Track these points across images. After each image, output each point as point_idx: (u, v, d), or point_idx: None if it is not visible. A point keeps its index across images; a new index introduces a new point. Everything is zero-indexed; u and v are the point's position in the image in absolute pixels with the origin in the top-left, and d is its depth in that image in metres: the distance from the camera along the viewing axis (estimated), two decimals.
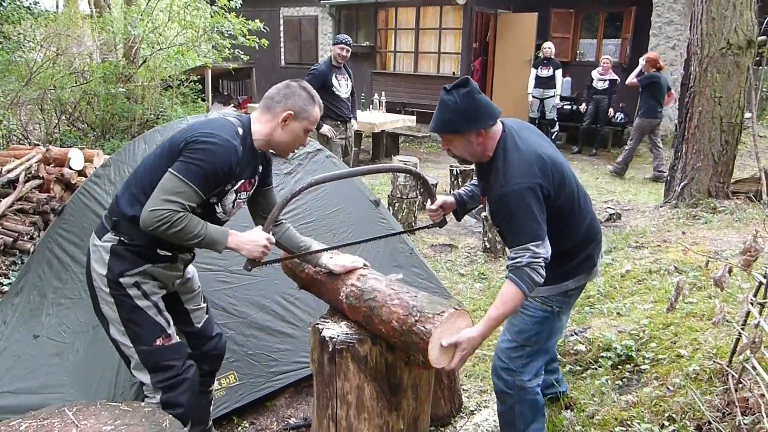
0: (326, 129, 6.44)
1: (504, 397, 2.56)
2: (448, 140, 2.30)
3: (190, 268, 2.54)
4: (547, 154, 2.24)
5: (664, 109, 9.12)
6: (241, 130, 2.23)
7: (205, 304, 2.63)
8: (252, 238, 2.23)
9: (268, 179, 2.49)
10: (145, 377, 2.30)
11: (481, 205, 2.61)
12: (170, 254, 2.31)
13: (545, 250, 2.15)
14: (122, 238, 2.22)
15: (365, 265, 2.49)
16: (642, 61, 9.13)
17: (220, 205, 2.29)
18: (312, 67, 6.65)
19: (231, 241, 2.20)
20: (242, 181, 2.29)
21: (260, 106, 2.32)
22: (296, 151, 2.46)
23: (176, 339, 2.37)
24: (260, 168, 2.39)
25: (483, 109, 2.20)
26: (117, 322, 2.27)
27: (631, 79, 9.16)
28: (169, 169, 2.09)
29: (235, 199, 2.33)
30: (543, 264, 2.14)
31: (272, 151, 2.38)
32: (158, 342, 2.28)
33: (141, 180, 2.23)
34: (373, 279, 2.31)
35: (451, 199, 2.65)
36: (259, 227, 2.30)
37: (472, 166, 2.93)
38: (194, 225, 2.11)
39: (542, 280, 2.15)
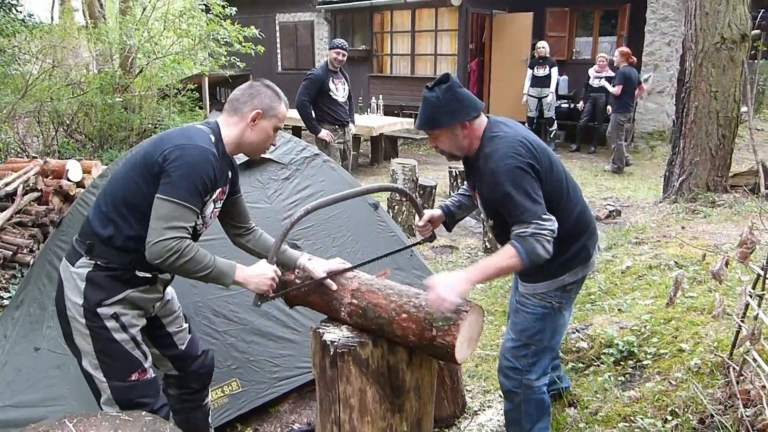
0: (324, 134, 6.45)
1: (511, 396, 2.56)
2: (435, 136, 2.35)
3: (169, 289, 2.45)
4: (532, 138, 2.30)
5: (636, 102, 9.61)
6: (213, 137, 2.16)
7: (187, 325, 2.54)
8: (259, 271, 2.18)
9: (236, 186, 2.42)
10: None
11: (477, 208, 2.61)
12: (150, 275, 2.22)
13: (551, 223, 2.13)
14: (98, 262, 2.12)
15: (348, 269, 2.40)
16: (616, 56, 9.38)
17: (200, 216, 2.19)
18: (308, 72, 6.66)
19: (238, 275, 2.14)
20: (219, 188, 2.22)
21: (226, 110, 2.26)
22: (267, 151, 2.40)
23: (151, 374, 2.27)
24: (230, 174, 2.33)
25: (465, 101, 2.26)
26: (90, 355, 2.16)
27: (614, 89, 9.33)
28: (158, 195, 2.00)
29: (213, 209, 2.26)
30: (549, 237, 2.12)
31: (243, 153, 2.33)
32: (133, 377, 2.19)
33: (113, 197, 2.14)
34: (368, 292, 2.24)
35: (438, 212, 2.67)
36: (264, 260, 2.24)
37: None
38: (203, 255, 2.05)
39: (546, 254, 2.12)
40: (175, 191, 1.99)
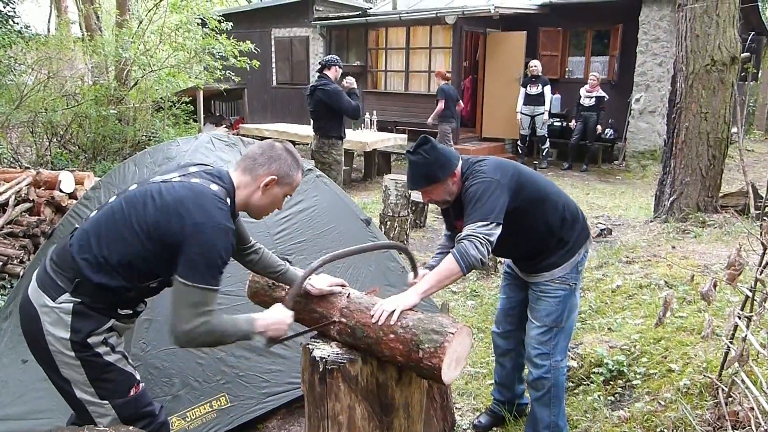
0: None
1: (542, 383, 2.75)
2: (429, 191, 2.61)
3: None
4: (505, 163, 2.61)
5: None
6: (228, 200, 2.07)
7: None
8: (276, 319, 2.17)
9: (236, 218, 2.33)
10: None
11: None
12: (131, 312, 2.17)
13: (489, 228, 2.36)
14: (83, 300, 2.02)
15: (343, 285, 2.41)
16: (433, 75, 10.32)
17: None
18: (327, 83, 6.48)
19: (258, 327, 2.12)
20: None
21: (241, 167, 2.17)
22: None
23: (142, 384, 2.23)
24: None
25: (448, 154, 2.56)
26: (84, 384, 2.07)
27: (436, 113, 10.09)
28: (182, 280, 1.93)
29: None
30: (483, 240, 2.33)
31: (246, 212, 2.24)
32: (132, 392, 2.15)
33: (109, 249, 2.01)
34: (357, 311, 2.24)
35: (428, 272, 2.77)
36: (279, 305, 2.23)
37: None
38: (225, 323, 2.03)
39: (478, 254, 2.31)
40: (200, 276, 1.93)
